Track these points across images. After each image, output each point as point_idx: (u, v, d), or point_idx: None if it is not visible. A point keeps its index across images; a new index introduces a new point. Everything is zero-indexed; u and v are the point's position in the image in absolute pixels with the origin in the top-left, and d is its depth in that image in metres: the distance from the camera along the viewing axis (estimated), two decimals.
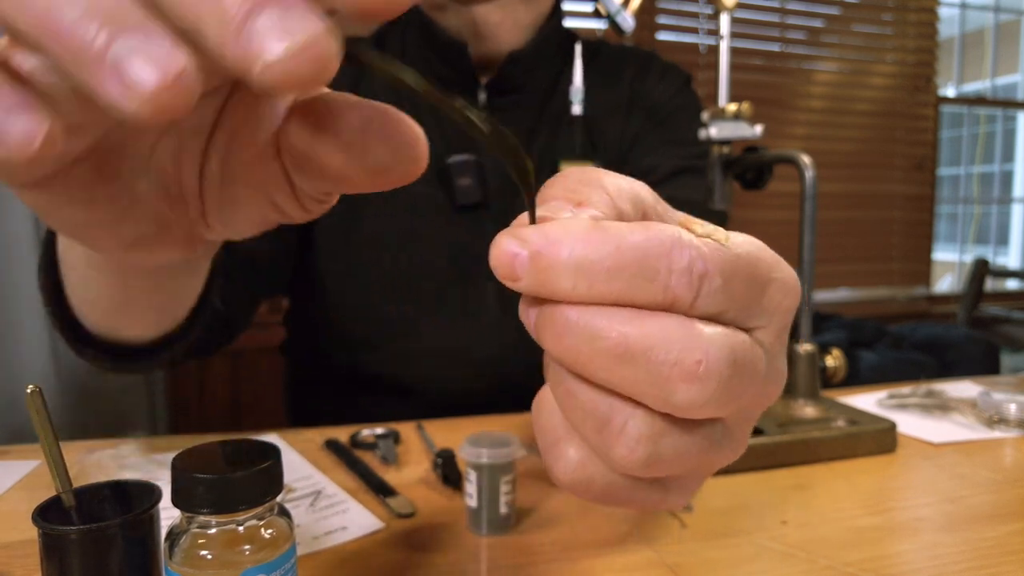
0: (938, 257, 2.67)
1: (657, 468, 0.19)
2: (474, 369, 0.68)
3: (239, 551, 0.25)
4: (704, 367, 0.17)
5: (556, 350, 0.18)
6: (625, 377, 0.17)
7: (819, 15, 2.38)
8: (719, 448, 0.20)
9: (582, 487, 0.20)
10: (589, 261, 0.17)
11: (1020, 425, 0.61)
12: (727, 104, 0.61)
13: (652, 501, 0.21)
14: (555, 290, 0.17)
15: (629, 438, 0.18)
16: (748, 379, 0.18)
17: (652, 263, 0.17)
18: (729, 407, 0.18)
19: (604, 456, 0.19)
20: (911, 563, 0.39)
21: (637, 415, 0.18)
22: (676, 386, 0.17)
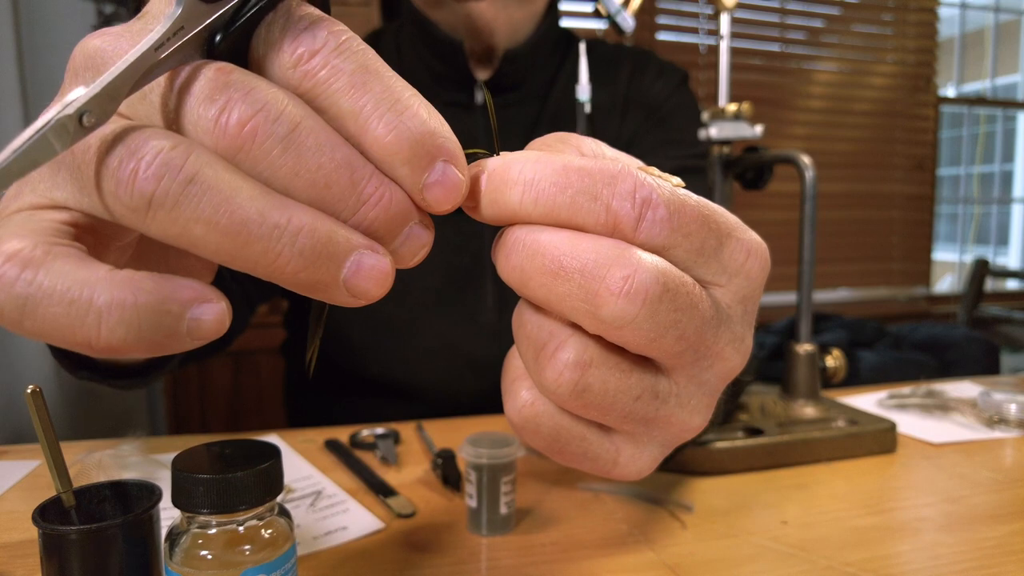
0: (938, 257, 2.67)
1: (588, 398, 0.19)
2: (473, 369, 0.68)
3: (239, 551, 0.25)
4: (631, 284, 0.18)
5: (504, 269, 0.20)
6: (559, 293, 0.19)
7: (819, 15, 2.38)
8: (664, 403, 0.21)
9: (531, 427, 0.21)
10: (536, 177, 0.19)
11: (1020, 425, 0.61)
12: (727, 104, 0.61)
13: (602, 456, 0.22)
14: (506, 204, 0.19)
15: (559, 361, 0.19)
16: (684, 315, 0.19)
17: (596, 183, 0.19)
18: (663, 339, 0.19)
19: (539, 383, 0.20)
20: (911, 563, 0.39)
21: (570, 340, 0.19)
22: (603, 300, 0.18)
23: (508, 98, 0.69)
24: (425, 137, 0.18)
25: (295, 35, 0.18)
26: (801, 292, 0.59)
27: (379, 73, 0.18)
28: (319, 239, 0.17)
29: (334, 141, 0.17)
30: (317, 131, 0.17)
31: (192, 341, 0.17)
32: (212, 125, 0.17)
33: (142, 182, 0.16)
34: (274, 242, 0.16)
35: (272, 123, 0.17)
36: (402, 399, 0.68)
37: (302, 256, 0.17)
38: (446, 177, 0.18)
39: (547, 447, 0.22)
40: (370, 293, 0.18)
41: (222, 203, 0.16)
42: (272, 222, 0.16)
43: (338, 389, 0.71)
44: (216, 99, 0.17)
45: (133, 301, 0.16)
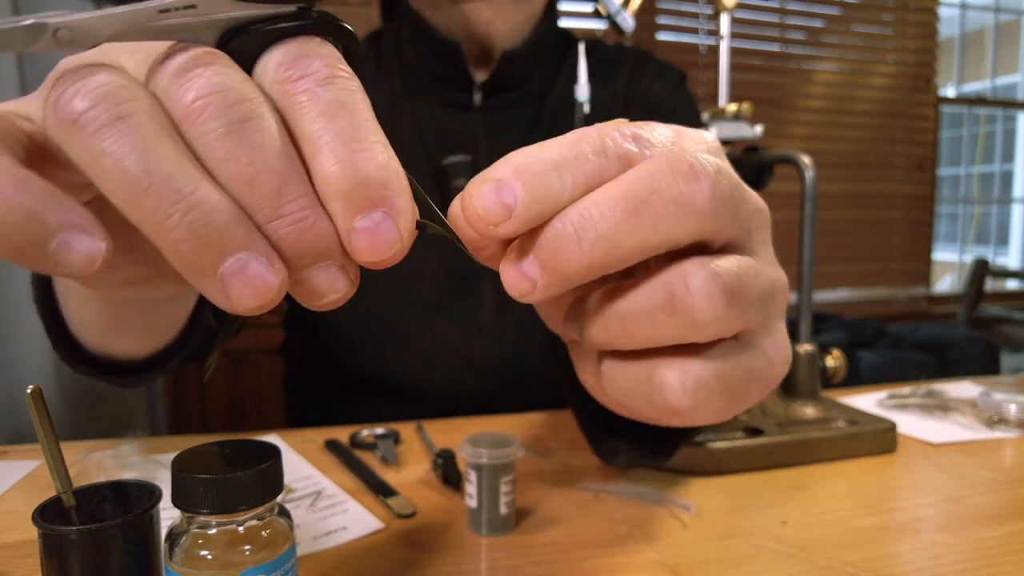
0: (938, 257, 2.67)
1: (740, 299, 0.20)
2: (473, 370, 0.68)
3: (239, 551, 0.25)
4: (693, 164, 0.19)
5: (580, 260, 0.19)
6: (652, 222, 0.19)
7: (819, 15, 2.38)
8: (759, 273, 0.21)
9: (703, 392, 0.20)
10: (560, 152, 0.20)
11: (1020, 425, 0.61)
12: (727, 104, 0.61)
13: (758, 365, 0.22)
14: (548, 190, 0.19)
15: (697, 286, 0.19)
16: (734, 184, 0.20)
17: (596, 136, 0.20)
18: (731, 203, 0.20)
19: (693, 328, 0.20)
20: (911, 563, 0.39)
21: (686, 264, 0.20)
22: (688, 184, 0.19)
23: (507, 98, 0.69)
24: (371, 181, 0.17)
25: (296, 58, 0.18)
26: (801, 292, 0.59)
27: (355, 111, 0.18)
28: (215, 221, 0.16)
29: (279, 149, 0.17)
30: (265, 133, 0.17)
31: (56, 264, 0.17)
32: (172, 90, 0.17)
33: (77, 100, 0.16)
34: (169, 204, 0.16)
35: (225, 107, 0.17)
36: (402, 399, 0.68)
37: (190, 229, 0.16)
38: (379, 228, 0.17)
39: (723, 402, 0.21)
40: (244, 300, 0.17)
41: (139, 149, 0.16)
42: (176, 185, 0.16)
43: (338, 389, 0.71)
44: (188, 71, 0.17)
45: (11, 194, 0.16)
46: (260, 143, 0.17)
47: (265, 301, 0.17)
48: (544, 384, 0.65)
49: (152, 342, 0.43)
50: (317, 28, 0.19)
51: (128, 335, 0.41)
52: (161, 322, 0.41)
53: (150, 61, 0.18)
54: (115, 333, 0.41)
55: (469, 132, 0.68)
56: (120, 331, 0.40)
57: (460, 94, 0.68)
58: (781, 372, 0.23)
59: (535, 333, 0.67)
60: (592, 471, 0.51)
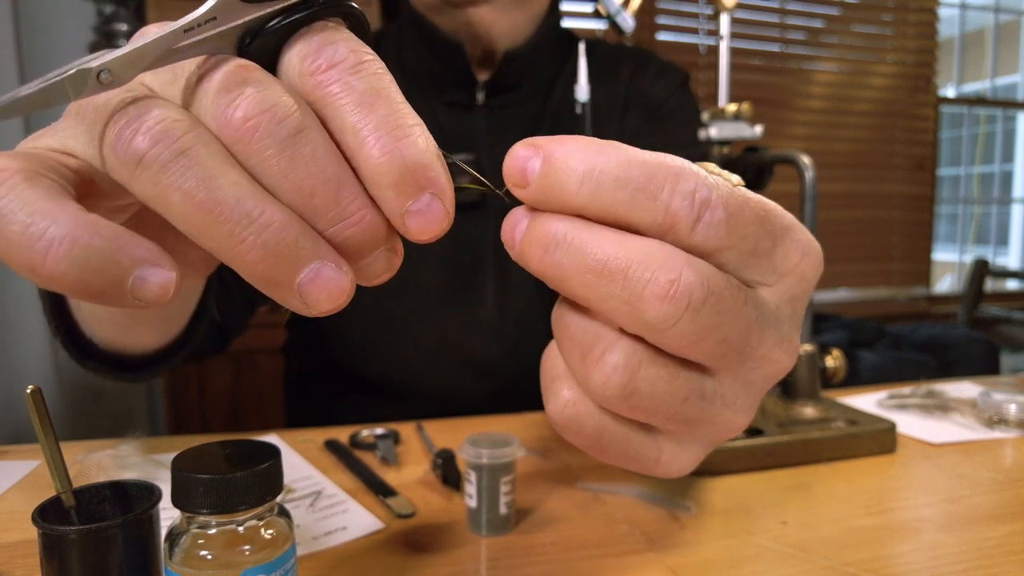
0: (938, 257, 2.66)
1: (635, 401, 0.19)
2: (474, 369, 0.68)
3: (239, 551, 0.25)
4: (676, 288, 0.18)
5: (540, 264, 0.19)
6: (601, 293, 0.18)
7: (819, 15, 2.38)
8: (710, 403, 0.20)
9: (574, 426, 0.20)
10: (599, 168, 0.18)
11: (1020, 425, 0.61)
12: (727, 104, 0.61)
13: (644, 454, 0.21)
14: (561, 194, 0.18)
15: (607, 364, 0.19)
16: (727, 318, 0.18)
17: (658, 180, 0.18)
18: (705, 343, 0.18)
19: (585, 385, 0.19)
20: (911, 563, 0.39)
21: (618, 343, 0.19)
22: (648, 304, 0.18)
23: (509, 98, 0.69)
24: (418, 166, 0.18)
25: (319, 47, 0.18)
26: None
27: (389, 98, 0.18)
28: (286, 238, 0.17)
29: (330, 155, 0.18)
30: (316, 142, 0.18)
31: (133, 300, 0.17)
32: (220, 112, 0.18)
33: (138, 141, 0.17)
34: (241, 228, 0.17)
35: (275, 124, 0.17)
36: (402, 399, 0.68)
37: (264, 249, 0.17)
38: (430, 209, 0.18)
39: (589, 446, 0.21)
40: (321, 305, 0.18)
41: (204, 180, 0.17)
42: (245, 209, 0.17)
43: (338, 389, 0.71)
44: (230, 91, 0.18)
45: (87, 241, 0.17)
46: (313, 154, 0.18)
47: (340, 302, 0.18)
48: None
49: (164, 335, 0.44)
50: (329, 13, 0.19)
51: (144, 328, 0.42)
52: (174, 314, 0.42)
53: (178, 79, 0.19)
54: (132, 328, 0.42)
55: (471, 131, 0.68)
56: (137, 326, 0.41)
57: (462, 93, 0.68)
58: (663, 474, 0.22)
59: (536, 333, 0.67)
60: (592, 471, 0.51)
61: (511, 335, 0.67)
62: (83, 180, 0.20)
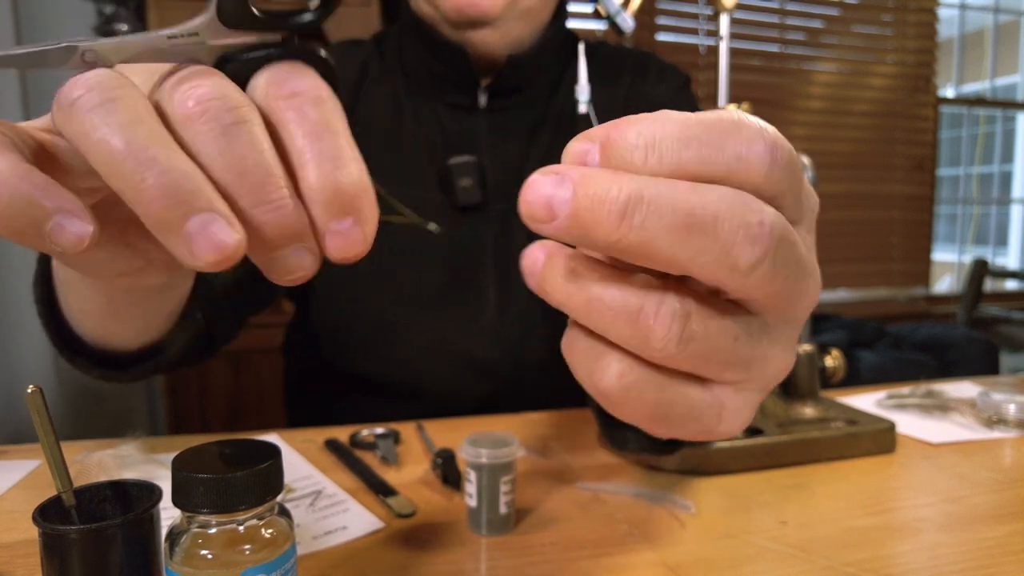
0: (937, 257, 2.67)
1: (694, 347, 0.19)
2: (474, 369, 0.68)
3: (239, 551, 0.25)
4: (764, 229, 0.17)
5: (618, 233, 0.17)
6: (692, 249, 0.17)
7: (818, 16, 2.38)
8: (759, 341, 0.20)
9: (635, 394, 0.20)
10: (659, 136, 0.18)
11: (1019, 425, 0.61)
12: (727, 105, 0.62)
13: (705, 411, 0.21)
14: (630, 168, 0.18)
15: (663, 316, 0.18)
16: (792, 254, 0.19)
17: (721, 131, 0.18)
18: (775, 281, 0.18)
19: (645, 345, 0.19)
20: (910, 563, 0.39)
21: (667, 297, 0.19)
22: (741, 249, 0.17)
23: (511, 101, 0.69)
24: (348, 193, 0.20)
25: (286, 76, 0.21)
26: None
27: (337, 133, 0.21)
28: (185, 185, 0.19)
29: (267, 149, 0.20)
30: (257, 135, 0.20)
31: (51, 244, 0.19)
32: (175, 95, 0.20)
33: (74, 88, 0.19)
34: (144, 168, 0.19)
35: (223, 110, 0.19)
36: (402, 399, 0.68)
37: (162, 190, 0.19)
38: (350, 232, 0.20)
39: (652, 413, 0.21)
40: (205, 256, 0.19)
41: (122, 124, 0.19)
42: (151, 154, 0.19)
43: (339, 389, 0.71)
44: (191, 81, 0.20)
45: (17, 184, 0.19)
46: (251, 142, 0.19)
47: (223, 256, 0.19)
48: (544, 384, 0.65)
49: (143, 333, 0.44)
50: (302, 57, 0.22)
51: (123, 322, 0.43)
52: (153, 311, 0.42)
53: (152, 76, 0.21)
54: (111, 319, 0.42)
55: (473, 133, 0.68)
56: (116, 318, 0.42)
57: (464, 96, 0.68)
58: (727, 431, 0.22)
59: (536, 333, 0.67)
60: (592, 471, 0.51)
61: (511, 336, 0.67)
62: (45, 149, 0.21)
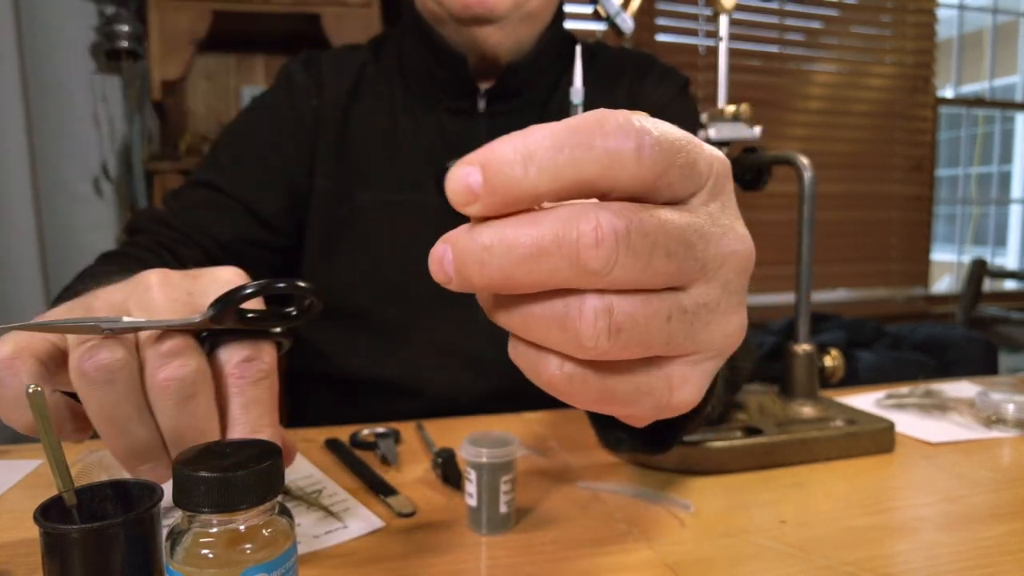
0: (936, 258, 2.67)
1: (626, 337, 0.20)
2: (473, 370, 0.68)
3: (240, 550, 0.25)
4: (600, 231, 0.19)
5: (483, 278, 0.20)
6: (548, 270, 0.19)
7: (818, 16, 2.38)
8: (696, 314, 0.21)
9: (578, 381, 0.21)
10: (533, 146, 0.19)
11: (1018, 425, 0.61)
12: (726, 105, 0.62)
13: (656, 385, 0.22)
14: (511, 183, 0.19)
15: (587, 315, 0.20)
16: (660, 237, 0.20)
17: (586, 131, 0.19)
18: (653, 265, 0.20)
19: (577, 345, 0.20)
20: (909, 562, 0.39)
21: (587, 296, 0.20)
22: (588, 256, 0.19)
23: (510, 105, 0.69)
24: None
25: (241, 359, 0.32)
26: (800, 292, 0.59)
27: (262, 405, 0.32)
28: (141, 447, 0.31)
29: (206, 417, 0.31)
30: (200, 407, 0.30)
31: None
32: (152, 368, 0.30)
33: (89, 364, 0.29)
34: (119, 434, 0.31)
35: (179, 388, 0.30)
36: (402, 399, 0.68)
37: (128, 449, 0.31)
38: None
39: (599, 398, 0.21)
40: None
41: (109, 402, 0.30)
42: (122, 426, 0.30)
43: (338, 389, 0.71)
44: (165, 358, 0.30)
45: None
46: (194, 413, 0.30)
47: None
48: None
49: None
50: (261, 335, 0.32)
51: None
52: None
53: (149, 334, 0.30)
54: None
55: (472, 136, 0.68)
56: None
57: (464, 101, 0.68)
58: (681, 402, 0.23)
59: None
60: (592, 470, 0.52)
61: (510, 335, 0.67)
62: (52, 356, 0.32)
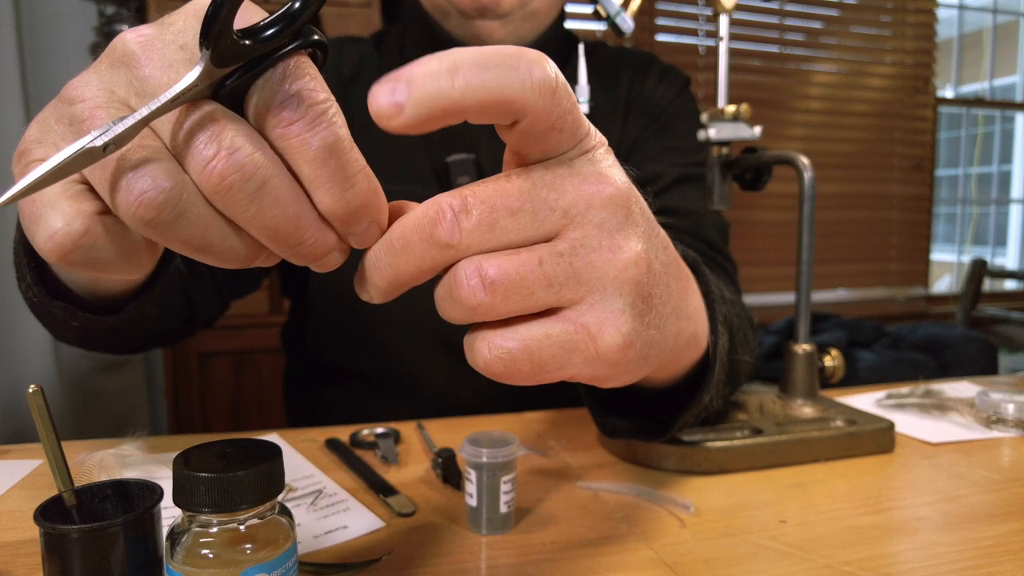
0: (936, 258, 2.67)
1: (505, 288, 0.23)
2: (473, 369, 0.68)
3: (240, 550, 0.25)
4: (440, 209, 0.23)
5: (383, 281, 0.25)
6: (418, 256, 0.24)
7: (818, 16, 2.38)
8: (573, 254, 0.23)
9: (506, 358, 0.24)
10: (459, 61, 0.21)
11: (1018, 425, 0.61)
12: (726, 105, 0.62)
13: (577, 338, 0.24)
14: (438, 92, 0.21)
15: (461, 278, 0.23)
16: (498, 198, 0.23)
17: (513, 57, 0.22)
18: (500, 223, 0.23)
19: (467, 312, 0.24)
20: (909, 562, 0.39)
21: (458, 264, 0.23)
22: (435, 233, 0.23)
23: None
24: (359, 207, 0.23)
25: (283, 99, 0.22)
26: (799, 292, 0.59)
27: (339, 151, 0.22)
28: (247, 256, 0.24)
29: (290, 198, 0.22)
30: (278, 190, 0.22)
31: None
32: (202, 170, 0.21)
33: (145, 209, 0.21)
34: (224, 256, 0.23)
35: (245, 181, 0.21)
36: (402, 398, 0.68)
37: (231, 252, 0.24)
38: (367, 232, 0.24)
39: (531, 367, 0.24)
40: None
41: (197, 233, 0.22)
42: (229, 245, 0.23)
43: (338, 388, 0.71)
44: (209, 149, 0.21)
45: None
46: (275, 200, 0.22)
47: None
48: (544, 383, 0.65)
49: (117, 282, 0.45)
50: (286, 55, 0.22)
51: None
52: None
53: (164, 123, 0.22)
54: None
55: (472, 132, 0.68)
56: None
57: None
58: (608, 347, 0.24)
59: None
60: (592, 470, 0.52)
61: None
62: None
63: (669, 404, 0.45)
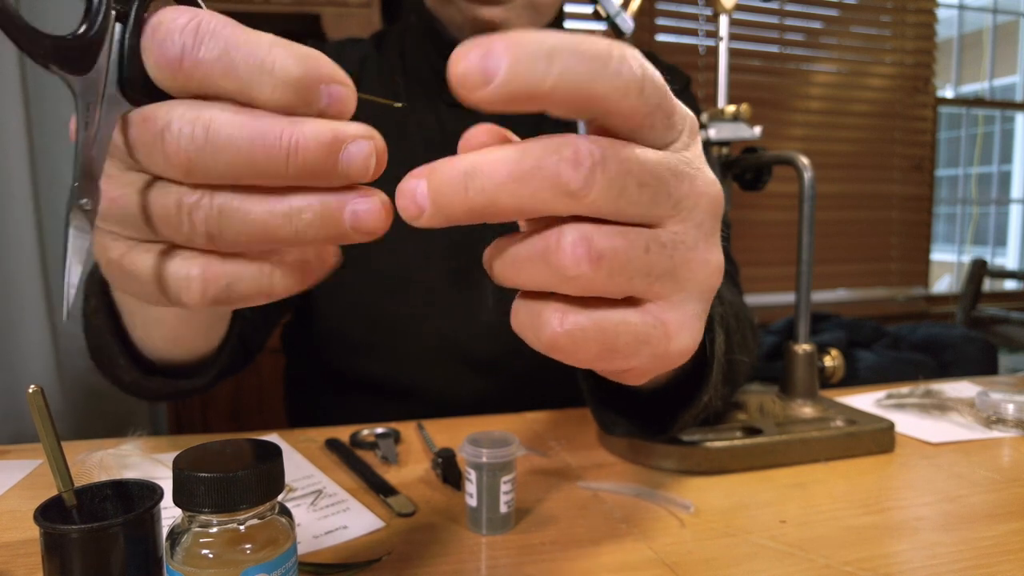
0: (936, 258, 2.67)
1: (607, 264, 0.21)
2: (473, 369, 0.68)
3: (240, 550, 0.25)
4: (577, 152, 0.20)
5: (466, 203, 0.20)
6: (528, 193, 0.20)
7: (818, 16, 2.38)
8: (675, 249, 0.22)
9: (578, 335, 0.22)
10: (557, 48, 0.19)
11: (1018, 425, 0.61)
12: (726, 105, 0.62)
13: (652, 333, 0.23)
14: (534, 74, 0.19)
15: (565, 244, 0.20)
16: (634, 166, 0.21)
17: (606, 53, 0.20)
18: (627, 193, 0.20)
19: (561, 276, 0.21)
20: (909, 562, 0.39)
21: (564, 226, 0.21)
22: (568, 176, 0.20)
23: None
24: (300, 79, 0.20)
25: (158, 49, 0.20)
26: (799, 292, 0.59)
27: (238, 46, 0.20)
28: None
29: (236, 124, 0.20)
30: (219, 128, 0.20)
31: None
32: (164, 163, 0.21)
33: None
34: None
35: (193, 140, 0.20)
36: (402, 398, 0.68)
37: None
38: (332, 96, 0.21)
39: (601, 349, 0.22)
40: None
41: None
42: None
43: (338, 389, 0.71)
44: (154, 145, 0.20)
45: None
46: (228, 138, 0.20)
47: None
48: (545, 383, 0.65)
49: (207, 340, 0.48)
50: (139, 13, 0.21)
51: (191, 331, 0.46)
52: (216, 319, 0.46)
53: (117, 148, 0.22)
54: (180, 331, 0.46)
55: None
56: (185, 327, 0.45)
57: None
58: (680, 349, 0.23)
59: None
60: (592, 470, 0.52)
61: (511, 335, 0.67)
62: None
63: (668, 403, 0.45)
